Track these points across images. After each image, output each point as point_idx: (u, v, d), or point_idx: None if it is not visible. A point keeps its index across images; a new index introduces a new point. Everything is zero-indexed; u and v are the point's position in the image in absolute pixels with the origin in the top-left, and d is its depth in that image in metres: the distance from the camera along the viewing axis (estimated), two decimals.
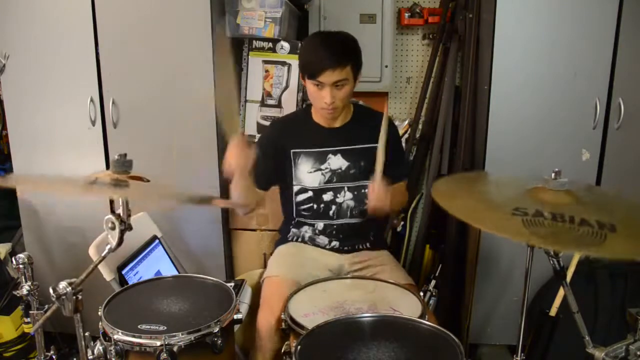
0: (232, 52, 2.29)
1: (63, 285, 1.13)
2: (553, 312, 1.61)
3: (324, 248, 1.86)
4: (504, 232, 1.05)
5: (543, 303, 2.01)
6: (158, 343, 1.22)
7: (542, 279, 2.16)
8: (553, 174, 1.17)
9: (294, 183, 1.82)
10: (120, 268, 1.74)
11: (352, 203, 1.82)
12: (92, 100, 2.23)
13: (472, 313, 2.34)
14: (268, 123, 2.33)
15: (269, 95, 2.35)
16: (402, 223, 2.70)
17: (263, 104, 2.36)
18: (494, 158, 2.22)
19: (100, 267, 1.60)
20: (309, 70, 1.67)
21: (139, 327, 1.26)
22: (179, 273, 2.01)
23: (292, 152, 1.81)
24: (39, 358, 1.40)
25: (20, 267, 1.34)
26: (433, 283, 2.47)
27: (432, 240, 2.70)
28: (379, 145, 1.64)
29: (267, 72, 2.34)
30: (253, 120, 2.37)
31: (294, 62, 2.27)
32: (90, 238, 1.69)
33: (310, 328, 1.28)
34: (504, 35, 2.13)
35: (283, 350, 1.38)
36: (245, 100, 2.39)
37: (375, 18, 2.48)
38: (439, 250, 2.66)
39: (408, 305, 1.49)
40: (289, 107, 2.34)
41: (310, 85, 1.70)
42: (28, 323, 1.37)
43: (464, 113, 2.48)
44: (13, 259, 1.39)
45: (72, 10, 2.17)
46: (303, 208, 1.84)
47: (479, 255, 2.27)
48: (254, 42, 2.33)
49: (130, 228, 1.20)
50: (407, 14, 2.60)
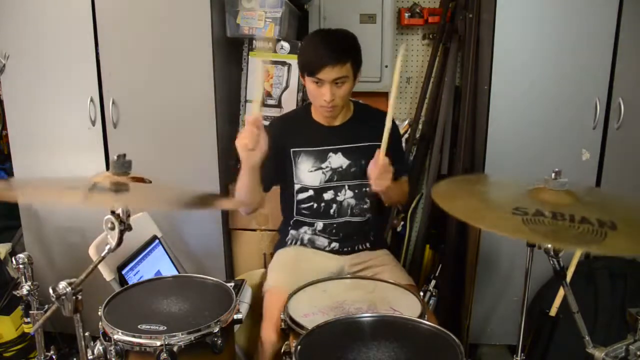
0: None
1: (63, 285, 1.13)
2: (553, 312, 1.61)
3: (324, 250, 1.85)
4: (504, 230, 1.04)
5: (543, 303, 2.01)
6: (158, 343, 1.21)
7: (542, 279, 2.16)
8: (553, 174, 1.17)
9: (295, 182, 1.82)
10: (120, 268, 1.74)
11: (352, 201, 1.82)
12: (92, 100, 2.23)
13: (472, 313, 2.34)
14: (268, 123, 2.33)
15: (269, 95, 2.35)
16: (402, 223, 2.70)
17: (263, 104, 2.36)
18: (494, 158, 2.22)
19: (100, 267, 1.60)
20: (309, 67, 1.66)
21: (139, 327, 1.26)
22: (179, 273, 2.01)
23: (292, 151, 1.80)
24: (39, 358, 1.39)
25: (20, 267, 1.34)
26: (433, 283, 2.47)
27: (432, 240, 2.70)
28: (386, 126, 1.55)
29: (267, 72, 2.34)
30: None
31: (294, 62, 2.27)
32: (90, 238, 1.69)
33: (310, 328, 1.28)
34: (504, 35, 2.13)
35: (283, 350, 1.37)
36: (246, 100, 2.39)
37: (375, 18, 2.48)
38: (439, 250, 2.66)
39: (408, 305, 1.49)
40: (289, 107, 2.34)
41: (310, 83, 1.69)
42: (28, 323, 1.37)
43: (464, 113, 2.48)
44: (13, 259, 1.39)
45: (72, 10, 2.17)
46: (303, 207, 1.83)
47: (479, 255, 2.27)
48: (254, 42, 2.33)
49: (130, 228, 1.19)
50: (407, 14, 2.60)
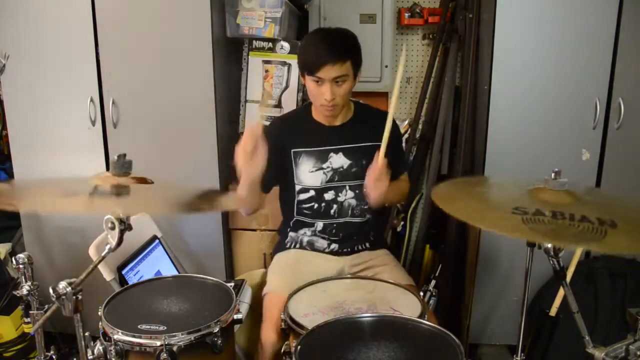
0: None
1: (63, 285, 1.13)
2: (553, 312, 1.61)
3: (323, 252, 1.85)
4: (503, 230, 1.04)
5: (543, 303, 2.01)
6: (158, 343, 1.22)
7: (542, 279, 2.16)
8: (553, 174, 1.17)
9: (296, 183, 1.81)
10: (120, 268, 1.74)
11: (353, 202, 1.82)
12: (92, 100, 2.23)
13: (472, 313, 2.34)
14: (268, 123, 2.33)
15: (269, 96, 2.35)
16: (402, 223, 2.70)
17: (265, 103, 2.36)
18: (494, 158, 2.22)
19: (100, 267, 1.60)
20: (309, 66, 1.66)
21: (139, 327, 1.26)
22: (179, 273, 2.01)
23: (292, 151, 1.80)
24: (39, 358, 1.39)
25: (20, 267, 1.34)
26: (433, 283, 2.47)
27: (432, 240, 2.70)
28: (386, 127, 1.55)
29: (267, 72, 2.34)
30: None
31: (294, 62, 2.27)
32: (90, 238, 1.69)
33: (310, 328, 1.28)
34: (504, 35, 2.13)
35: (283, 350, 1.37)
36: (246, 100, 2.39)
37: (375, 18, 2.48)
38: (439, 250, 2.66)
39: (408, 305, 1.49)
40: (289, 107, 2.34)
41: (310, 82, 1.69)
42: (28, 323, 1.37)
43: (464, 113, 2.48)
44: (13, 259, 1.39)
45: (72, 10, 2.17)
46: (304, 207, 1.83)
47: (479, 256, 2.27)
48: (254, 42, 2.33)
49: (130, 228, 1.19)
50: (407, 14, 2.60)
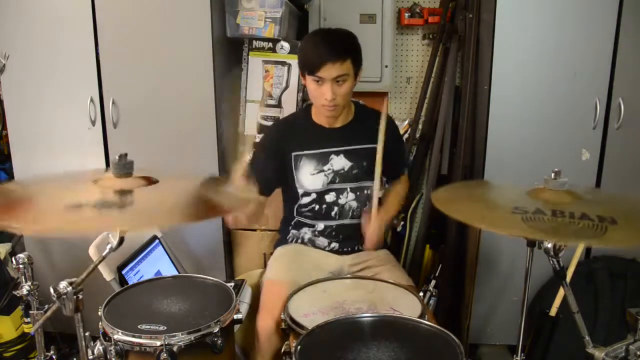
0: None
1: (64, 285, 1.12)
2: (553, 312, 1.61)
3: (324, 249, 1.86)
4: (503, 229, 1.04)
5: (543, 303, 2.02)
6: (158, 343, 1.22)
7: (542, 279, 2.16)
8: (553, 174, 1.17)
9: (297, 187, 1.81)
10: (120, 268, 1.74)
11: (354, 204, 1.82)
12: (92, 100, 2.23)
13: (472, 313, 2.34)
14: (268, 123, 2.33)
15: (269, 96, 2.35)
16: (402, 223, 2.70)
17: (263, 104, 2.36)
18: (494, 158, 2.22)
19: (100, 267, 1.60)
20: (310, 66, 1.66)
21: (139, 327, 1.26)
22: (179, 273, 2.01)
23: (293, 155, 1.79)
24: (39, 358, 1.39)
25: (20, 267, 1.34)
26: (433, 283, 2.47)
27: (432, 240, 2.70)
28: (376, 173, 1.68)
29: (267, 72, 2.34)
30: (253, 120, 2.37)
31: (294, 62, 2.27)
32: (90, 238, 1.69)
33: (310, 328, 1.28)
34: (504, 35, 2.13)
35: (283, 350, 1.37)
36: (246, 100, 2.39)
37: (375, 18, 2.48)
38: (439, 250, 2.66)
39: (408, 305, 1.49)
40: (289, 107, 2.34)
41: (311, 82, 1.69)
42: (28, 323, 1.37)
43: (464, 113, 2.48)
44: (13, 259, 1.38)
45: (72, 10, 2.17)
46: (305, 210, 1.84)
47: (479, 256, 2.27)
48: (254, 42, 2.33)
49: None
50: (407, 14, 2.60)
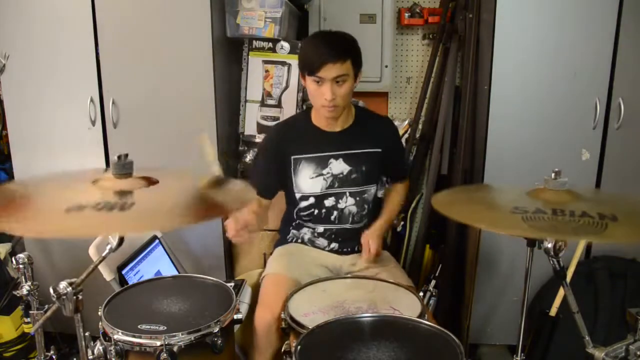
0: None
1: (63, 285, 1.12)
2: (553, 312, 1.62)
3: (323, 249, 1.86)
4: (503, 228, 1.04)
5: (543, 303, 2.02)
6: (158, 343, 1.22)
7: (542, 279, 2.16)
8: (553, 174, 1.17)
9: (295, 191, 1.82)
10: (120, 268, 1.74)
11: (354, 209, 1.81)
12: (92, 100, 2.23)
13: (472, 313, 2.34)
14: (268, 123, 2.33)
15: (269, 95, 2.35)
16: (402, 223, 2.70)
17: (263, 104, 2.36)
18: (494, 158, 2.22)
19: (100, 267, 1.60)
20: (310, 66, 1.66)
21: (139, 327, 1.26)
22: (179, 273, 2.01)
23: (292, 158, 1.79)
24: (39, 358, 1.39)
25: (20, 267, 1.34)
26: (433, 283, 2.47)
27: (432, 240, 2.70)
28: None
29: (267, 72, 2.34)
30: (253, 120, 2.37)
31: (294, 62, 2.27)
32: (90, 238, 1.69)
33: (311, 328, 1.28)
34: (504, 35, 2.13)
35: (283, 350, 1.38)
36: (246, 100, 2.39)
37: (375, 18, 2.48)
38: (439, 250, 2.66)
39: (408, 305, 1.49)
40: (289, 107, 2.34)
41: (311, 83, 1.69)
42: (28, 323, 1.37)
43: (464, 113, 2.48)
44: (13, 259, 1.39)
45: (72, 10, 2.17)
46: (304, 214, 1.84)
47: (479, 256, 2.27)
48: (254, 42, 2.33)
49: None
50: (407, 14, 2.60)
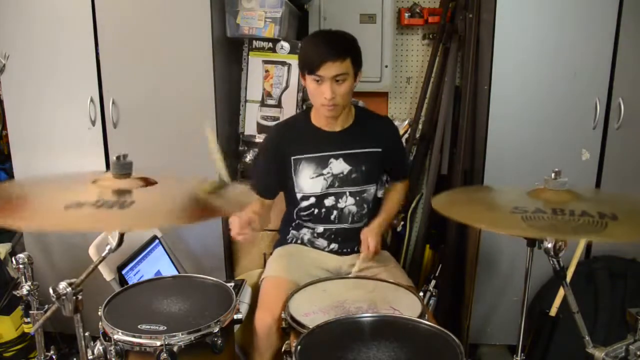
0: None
1: (63, 286, 1.12)
2: (553, 312, 1.61)
3: (323, 250, 1.86)
4: (503, 228, 1.04)
5: (543, 303, 2.02)
6: (158, 343, 1.22)
7: (542, 279, 2.16)
8: (553, 174, 1.17)
9: (296, 191, 1.82)
10: (120, 268, 1.74)
11: (354, 209, 1.81)
12: (92, 100, 2.23)
13: (472, 313, 2.34)
14: (268, 123, 2.33)
15: (269, 95, 2.35)
16: (402, 223, 2.70)
17: (263, 104, 2.36)
18: (494, 158, 2.22)
19: (100, 267, 1.60)
20: (310, 65, 1.66)
21: (139, 327, 1.26)
22: (179, 273, 2.01)
23: (292, 158, 1.79)
24: (39, 358, 1.39)
25: (20, 267, 1.34)
26: (433, 283, 2.47)
27: (432, 240, 2.70)
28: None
29: (267, 72, 2.34)
30: (253, 120, 2.37)
31: (294, 62, 2.27)
32: (90, 238, 1.69)
33: (311, 328, 1.28)
34: (504, 35, 2.13)
35: (283, 350, 1.38)
36: (246, 100, 2.39)
37: (375, 18, 2.48)
38: (439, 250, 2.66)
39: (408, 305, 1.49)
40: (289, 107, 2.34)
41: (311, 82, 1.69)
42: (28, 323, 1.37)
43: (464, 113, 2.48)
44: (13, 259, 1.39)
45: (72, 10, 2.17)
46: (304, 214, 1.84)
47: (479, 256, 2.27)
48: (254, 42, 2.33)
49: None
50: (407, 14, 2.60)
